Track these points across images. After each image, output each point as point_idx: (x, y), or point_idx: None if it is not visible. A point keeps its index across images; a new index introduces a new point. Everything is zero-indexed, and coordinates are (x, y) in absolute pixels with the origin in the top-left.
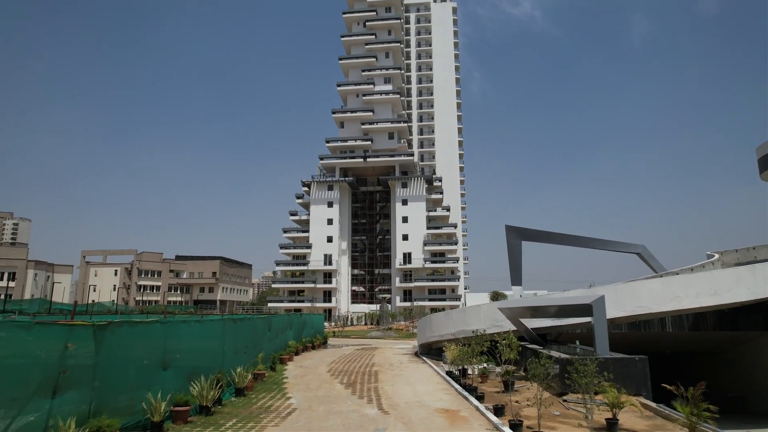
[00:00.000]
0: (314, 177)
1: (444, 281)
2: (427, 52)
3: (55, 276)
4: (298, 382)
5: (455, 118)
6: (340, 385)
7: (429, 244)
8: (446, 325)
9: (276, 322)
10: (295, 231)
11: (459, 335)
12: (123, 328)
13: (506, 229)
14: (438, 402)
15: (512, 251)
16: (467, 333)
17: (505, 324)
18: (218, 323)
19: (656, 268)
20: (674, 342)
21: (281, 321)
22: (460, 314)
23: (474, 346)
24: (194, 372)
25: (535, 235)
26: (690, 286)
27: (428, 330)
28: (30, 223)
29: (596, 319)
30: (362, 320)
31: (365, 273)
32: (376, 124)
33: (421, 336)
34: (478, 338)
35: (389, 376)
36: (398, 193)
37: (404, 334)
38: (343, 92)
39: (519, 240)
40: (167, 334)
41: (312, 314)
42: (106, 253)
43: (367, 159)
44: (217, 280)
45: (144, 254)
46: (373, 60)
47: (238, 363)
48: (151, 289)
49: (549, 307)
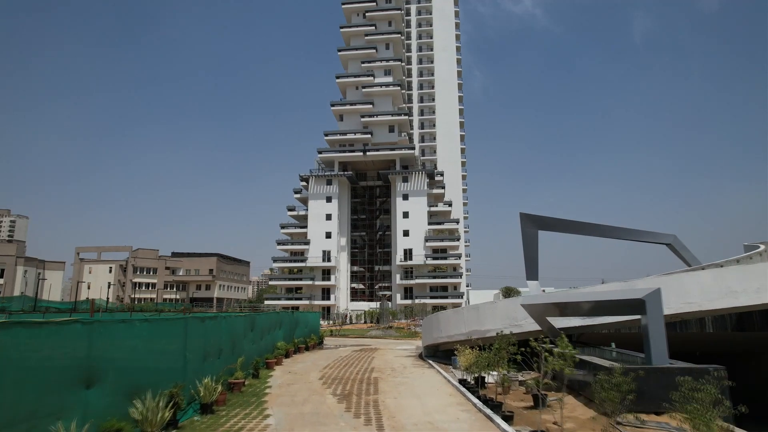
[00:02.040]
0: (312, 171)
1: (446, 278)
2: (428, 44)
3: (47, 273)
4: (282, 392)
5: (457, 112)
6: (332, 397)
7: (430, 240)
8: (456, 324)
9: (261, 321)
10: (292, 227)
11: (472, 336)
12: (14, 331)
13: (521, 217)
14: (455, 423)
15: (527, 242)
16: (482, 333)
17: (525, 323)
18: (178, 323)
19: (690, 260)
20: (710, 343)
21: (268, 320)
22: (472, 312)
23: (500, 352)
24: (139, 387)
25: (553, 224)
26: (748, 279)
27: (435, 330)
28: (27, 220)
29: (651, 318)
30: (362, 318)
31: (365, 270)
32: (376, 117)
33: (427, 336)
34: (503, 339)
35: (391, 384)
36: (399, 187)
37: (405, 333)
38: (342, 84)
39: (535, 229)
40: (94, 339)
41: (306, 312)
42: (100, 250)
43: (366, 153)
44: (214, 278)
45: (139, 251)
46: (373, 51)
47: (206, 371)
48: (146, 287)
49: (582, 304)
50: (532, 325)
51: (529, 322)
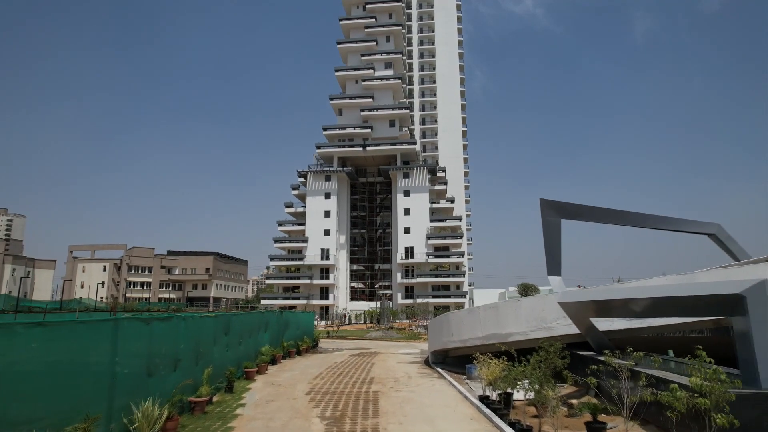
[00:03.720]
0: (311, 167)
1: (448, 277)
2: (429, 38)
3: (36, 272)
4: (257, 414)
5: (459, 107)
6: (319, 421)
7: (432, 237)
8: (471, 326)
9: (239, 323)
10: (290, 224)
11: (490, 340)
12: None
13: (542, 204)
14: None
15: (549, 232)
16: (502, 338)
17: (557, 326)
18: (104, 326)
19: (737, 253)
20: None
21: (250, 321)
22: (490, 312)
23: (543, 364)
24: (29, 422)
25: (578, 212)
26: None
27: (445, 333)
28: (24, 219)
29: (755, 320)
30: (361, 318)
31: (365, 269)
32: (376, 111)
33: (434, 340)
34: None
35: (395, 402)
36: (400, 183)
37: (407, 335)
38: (341, 78)
39: (557, 218)
40: None
41: (298, 312)
42: (94, 248)
43: (366, 147)
44: (211, 277)
45: (134, 249)
46: (373, 44)
47: (153, 390)
48: (141, 286)
49: (638, 302)
50: (566, 327)
51: (561, 324)
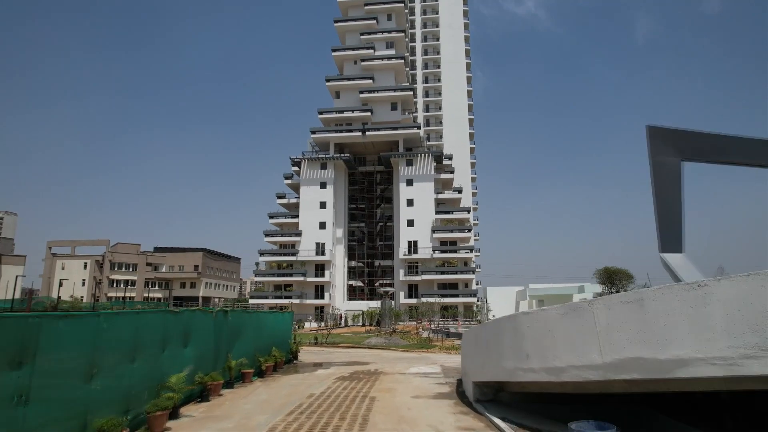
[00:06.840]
0: (305, 154)
1: (456, 274)
2: (433, 20)
3: (3, 268)
4: None
5: (465, 94)
6: None
7: (438, 231)
8: (573, 342)
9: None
10: (282, 216)
11: (626, 373)
12: None
13: (650, 134)
14: None
15: (662, 183)
16: (659, 369)
17: None
18: None
19: None
20: None
21: (141, 328)
22: (621, 313)
23: None
24: None
25: (712, 148)
26: None
27: (506, 352)
28: (16, 217)
29: None
30: (359, 320)
31: (364, 265)
32: (376, 93)
33: (479, 362)
34: None
35: None
36: (402, 171)
37: (414, 341)
38: (338, 58)
39: (677, 158)
40: None
41: (266, 313)
42: (74, 244)
43: (366, 132)
44: (200, 275)
45: (118, 245)
46: (373, 22)
47: None
48: (125, 284)
49: None
50: None
51: None
